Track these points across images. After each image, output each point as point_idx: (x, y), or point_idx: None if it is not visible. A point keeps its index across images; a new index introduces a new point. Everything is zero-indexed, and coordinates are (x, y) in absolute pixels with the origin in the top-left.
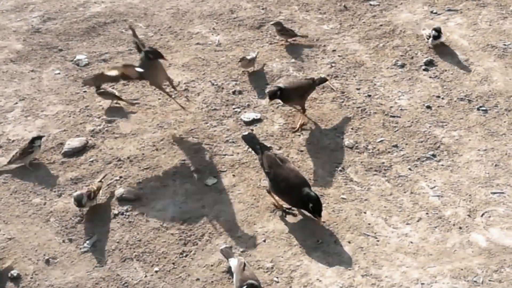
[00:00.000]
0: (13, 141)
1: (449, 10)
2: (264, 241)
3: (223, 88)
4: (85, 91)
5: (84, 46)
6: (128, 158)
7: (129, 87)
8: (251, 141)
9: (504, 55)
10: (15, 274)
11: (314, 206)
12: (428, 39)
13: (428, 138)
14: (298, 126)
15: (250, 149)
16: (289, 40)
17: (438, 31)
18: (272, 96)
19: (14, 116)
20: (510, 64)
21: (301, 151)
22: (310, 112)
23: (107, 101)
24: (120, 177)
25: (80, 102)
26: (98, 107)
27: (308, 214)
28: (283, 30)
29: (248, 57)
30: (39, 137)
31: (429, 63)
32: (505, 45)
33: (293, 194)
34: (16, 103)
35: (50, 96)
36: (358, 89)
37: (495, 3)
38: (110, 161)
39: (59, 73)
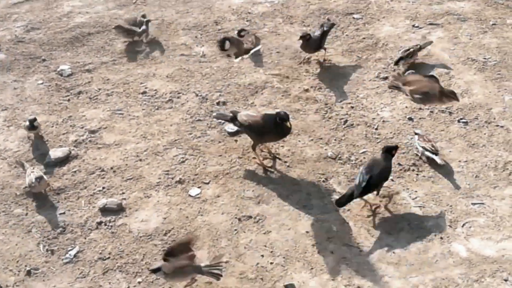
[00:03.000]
0: None
1: (431, 24)
2: (248, 251)
3: (207, 99)
4: (68, 100)
5: (67, 56)
6: (111, 168)
7: (112, 97)
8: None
9: (484, 68)
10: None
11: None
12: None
13: (409, 150)
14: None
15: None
16: None
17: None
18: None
19: None
20: (490, 77)
21: (285, 162)
22: (294, 123)
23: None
24: (103, 187)
25: (63, 112)
26: (81, 117)
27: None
28: None
29: None
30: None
31: None
32: (485, 58)
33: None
34: None
35: (33, 106)
36: (341, 100)
37: (475, 18)
38: (93, 171)
39: (42, 83)
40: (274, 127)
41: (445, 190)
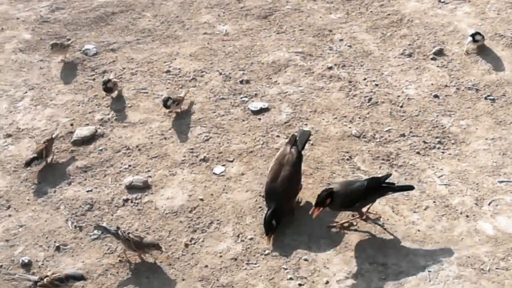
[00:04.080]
0: (23, 130)
1: None
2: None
3: (230, 78)
4: (94, 79)
5: (92, 35)
6: (137, 146)
7: (137, 76)
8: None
9: None
10: (26, 261)
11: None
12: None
13: (435, 127)
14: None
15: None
16: None
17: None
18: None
19: (23, 105)
20: None
21: (309, 140)
22: (318, 102)
23: None
24: (129, 165)
25: (89, 91)
26: (107, 96)
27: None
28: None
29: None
30: None
31: (438, 53)
32: None
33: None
34: (26, 92)
35: (59, 85)
36: (365, 78)
37: None
38: (119, 149)
39: (68, 63)
40: None
41: (471, 168)
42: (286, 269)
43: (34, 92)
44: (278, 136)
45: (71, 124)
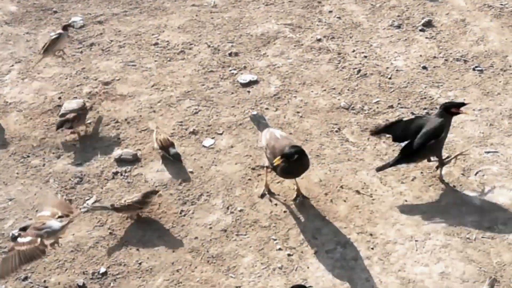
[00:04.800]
0: (10, 103)
1: None
2: (261, 200)
3: (219, 50)
4: (81, 52)
5: (78, 7)
6: (126, 120)
7: (125, 49)
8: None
9: (500, 14)
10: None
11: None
12: None
13: (423, 99)
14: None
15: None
16: None
17: None
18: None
19: (10, 79)
20: (506, 24)
21: (298, 112)
22: (306, 74)
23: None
24: (118, 138)
25: (77, 64)
26: (95, 69)
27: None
28: None
29: None
30: None
31: (427, 24)
32: (501, 4)
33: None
34: (12, 65)
35: (46, 58)
36: (354, 50)
37: None
38: (108, 123)
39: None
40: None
41: (458, 139)
42: (276, 239)
43: (21, 65)
44: (267, 108)
45: (59, 98)
